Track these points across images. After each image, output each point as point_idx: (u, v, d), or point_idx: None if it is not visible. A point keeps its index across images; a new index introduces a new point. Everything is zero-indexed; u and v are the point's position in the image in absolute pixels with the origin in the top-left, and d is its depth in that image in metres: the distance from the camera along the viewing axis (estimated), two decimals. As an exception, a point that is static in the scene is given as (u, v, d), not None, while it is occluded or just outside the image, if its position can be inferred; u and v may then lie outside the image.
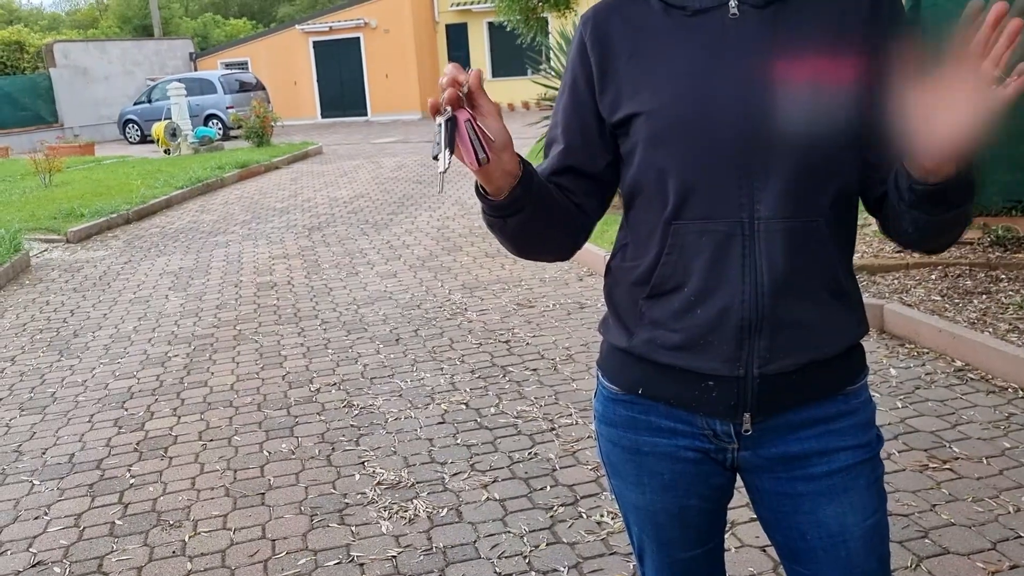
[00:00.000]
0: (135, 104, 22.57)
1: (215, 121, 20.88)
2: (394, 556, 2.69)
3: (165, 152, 16.91)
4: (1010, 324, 4.08)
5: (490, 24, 24.49)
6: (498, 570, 2.58)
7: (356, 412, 3.87)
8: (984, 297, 4.48)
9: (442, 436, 3.54)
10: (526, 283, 5.88)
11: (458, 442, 3.47)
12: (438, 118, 1.04)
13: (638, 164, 1.21)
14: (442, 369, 4.33)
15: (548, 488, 3.04)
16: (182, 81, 19.48)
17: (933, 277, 4.86)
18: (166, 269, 7.15)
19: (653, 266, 1.21)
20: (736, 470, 1.30)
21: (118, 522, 3.04)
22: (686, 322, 1.19)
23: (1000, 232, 5.19)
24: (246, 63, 26.45)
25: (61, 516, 3.11)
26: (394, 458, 3.37)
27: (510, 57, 22.84)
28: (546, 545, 2.69)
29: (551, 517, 2.85)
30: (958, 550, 2.50)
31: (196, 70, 25.91)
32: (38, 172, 12.23)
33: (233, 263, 7.24)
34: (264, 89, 22.63)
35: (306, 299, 5.90)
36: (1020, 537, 2.54)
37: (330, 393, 4.13)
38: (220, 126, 20.63)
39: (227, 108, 20.79)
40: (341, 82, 25.94)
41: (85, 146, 18.23)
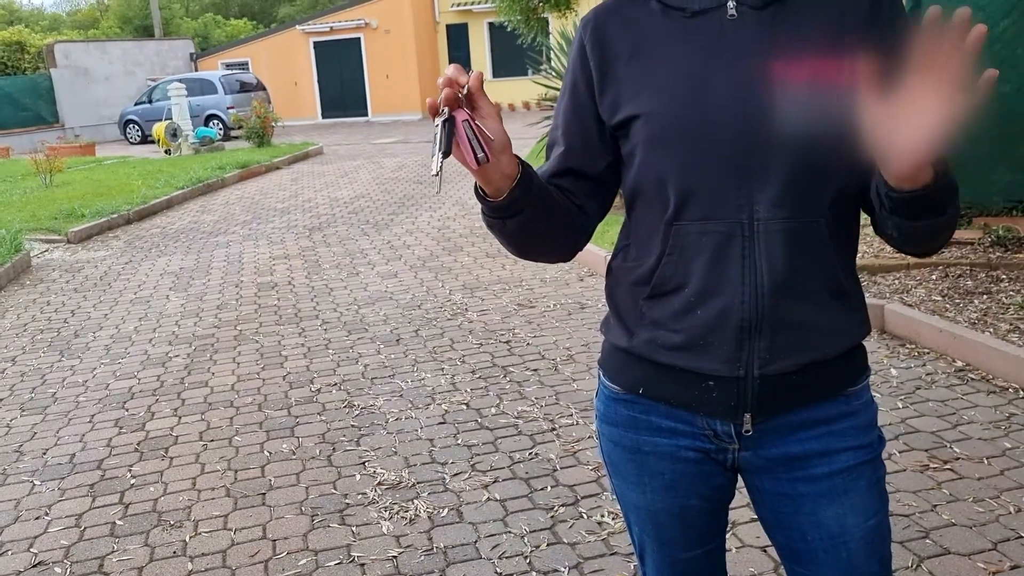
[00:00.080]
0: (136, 104, 22.60)
1: (216, 121, 20.90)
2: (395, 556, 2.70)
3: (166, 152, 16.92)
4: (1011, 324, 4.08)
5: (491, 24, 24.50)
6: (499, 570, 2.58)
7: (357, 412, 3.87)
8: (985, 297, 4.48)
9: (443, 436, 3.54)
10: (527, 283, 5.88)
11: (459, 442, 3.48)
12: (436, 119, 1.04)
13: (638, 166, 1.21)
14: (443, 369, 4.33)
15: (549, 488, 3.04)
16: (183, 81, 19.48)
17: (934, 277, 4.86)
18: (167, 269, 7.15)
19: (654, 267, 1.21)
20: (737, 470, 1.30)
21: (119, 522, 3.05)
22: (686, 322, 1.19)
23: (1001, 232, 5.18)
24: (247, 63, 26.47)
25: (62, 516, 3.12)
26: (395, 458, 3.38)
27: (511, 57, 22.85)
28: (547, 545, 2.69)
29: (552, 517, 2.85)
30: (959, 550, 2.50)
31: (197, 70, 25.93)
32: (39, 172, 12.24)
33: (234, 263, 7.24)
34: (265, 89, 22.64)
35: (307, 299, 5.91)
36: (1021, 537, 2.54)
37: (331, 393, 4.13)
38: (221, 126, 20.66)
39: (228, 108, 20.82)
40: (342, 82, 25.95)
41: (86, 146, 18.26)
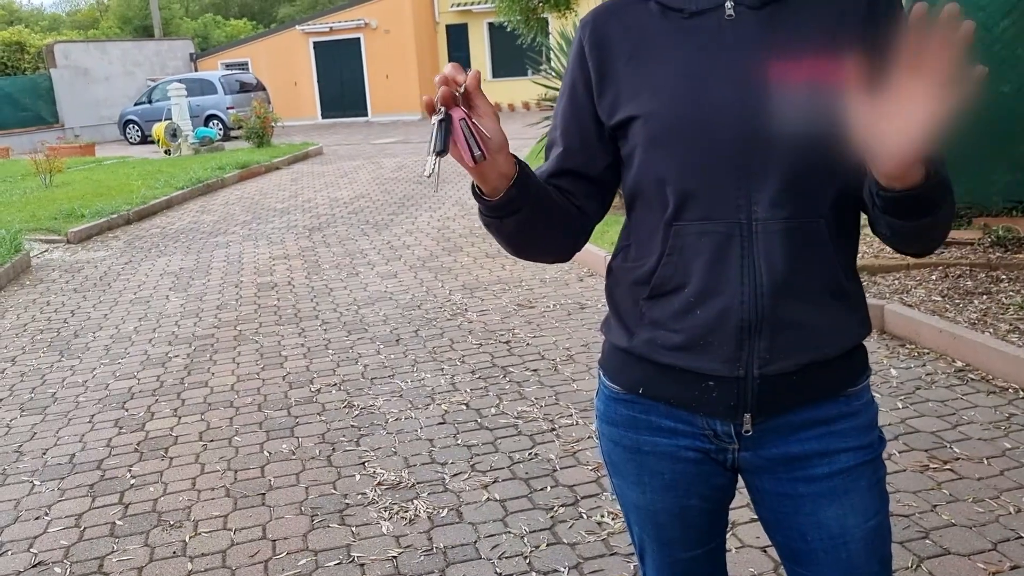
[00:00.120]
0: (135, 105, 22.60)
1: (215, 122, 20.90)
2: (394, 556, 2.70)
3: (165, 152, 16.92)
4: (1011, 324, 4.08)
5: (490, 24, 24.50)
6: (498, 570, 2.58)
7: (356, 412, 3.87)
8: (985, 297, 4.48)
9: (442, 436, 3.54)
10: (526, 284, 5.88)
11: (458, 442, 3.48)
12: (433, 117, 1.04)
13: (637, 166, 1.21)
14: (442, 370, 4.33)
15: (548, 488, 3.04)
16: (182, 82, 19.49)
17: (934, 278, 4.86)
18: (167, 269, 7.15)
19: (654, 267, 1.21)
20: (737, 470, 1.30)
21: (119, 522, 3.04)
22: (686, 323, 1.19)
23: (1001, 232, 5.18)
24: (246, 64, 26.47)
25: (62, 516, 3.12)
26: (394, 458, 3.37)
27: (510, 57, 22.84)
28: (546, 545, 2.69)
29: (551, 517, 2.85)
30: (959, 551, 2.50)
31: (196, 71, 25.94)
32: (39, 172, 12.24)
33: (233, 263, 7.24)
34: (264, 90, 22.64)
35: (306, 299, 5.91)
36: (1021, 538, 2.54)
37: (330, 393, 4.13)
38: (220, 127, 20.65)
39: (227, 109, 20.82)
40: (341, 83, 25.95)
41: (85, 146, 18.26)
